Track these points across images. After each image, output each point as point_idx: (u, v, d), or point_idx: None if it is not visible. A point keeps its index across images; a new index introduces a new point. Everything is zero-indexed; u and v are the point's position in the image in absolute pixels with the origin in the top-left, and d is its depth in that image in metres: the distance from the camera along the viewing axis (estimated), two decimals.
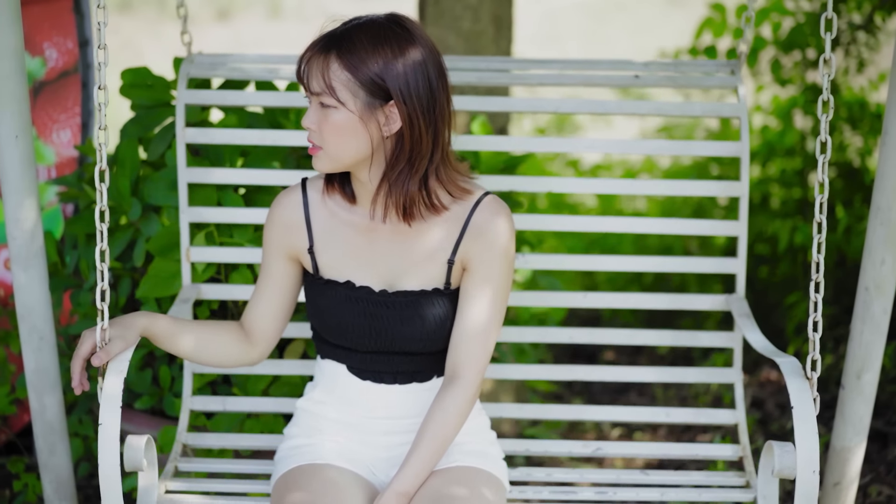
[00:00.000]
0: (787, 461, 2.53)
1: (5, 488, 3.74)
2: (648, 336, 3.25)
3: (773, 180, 5.25)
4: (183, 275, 3.21)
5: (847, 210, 4.70)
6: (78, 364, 2.53)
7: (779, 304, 4.84)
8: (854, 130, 4.98)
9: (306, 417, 2.76)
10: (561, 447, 3.16)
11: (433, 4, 4.32)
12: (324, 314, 2.66)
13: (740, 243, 3.18)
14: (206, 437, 3.11)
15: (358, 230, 2.63)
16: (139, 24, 11.86)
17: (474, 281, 2.60)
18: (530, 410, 3.23)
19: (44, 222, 3.91)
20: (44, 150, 3.98)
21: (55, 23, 3.99)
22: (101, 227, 2.58)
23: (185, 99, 3.20)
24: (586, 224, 3.27)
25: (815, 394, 2.57)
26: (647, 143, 3.37)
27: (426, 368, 2.70)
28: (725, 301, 3.20)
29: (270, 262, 2.71)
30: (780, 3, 5.10)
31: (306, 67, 2.49)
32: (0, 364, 3.64)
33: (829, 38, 2.58)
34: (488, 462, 2.71)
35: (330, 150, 2.50)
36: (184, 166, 3.18)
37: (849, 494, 3.11)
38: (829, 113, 2.59)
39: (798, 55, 5.04)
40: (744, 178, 3.17)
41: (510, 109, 3.29)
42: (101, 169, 2.57)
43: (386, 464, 2.71)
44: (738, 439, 3.15)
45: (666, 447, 3.17)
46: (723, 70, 3.30)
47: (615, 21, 11.68)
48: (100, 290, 2.54)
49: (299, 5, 12.68)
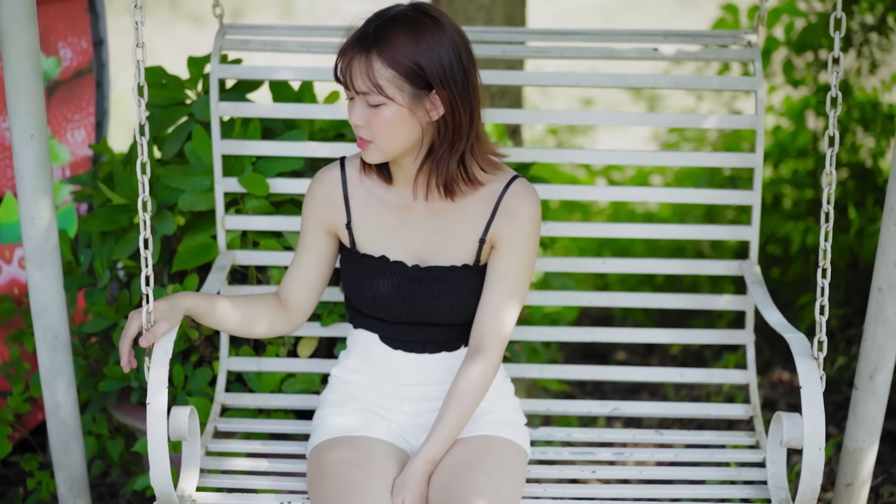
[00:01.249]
0: (795, 432, 2.61)
1: (19, 486, 3.75)
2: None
3: (786, 181, 5.24)
4: (219, 242, 3.31)
5: (859, 211, 4.70)
6: (126, 344, 2.64)
7: (791, 304, 4.84)
8: (866, 131, 4.98)
9: (340, 385, 2.92)
10: (580, 407, 3.28)
11: (446, 4, 4.33)
12: (359, 286, 2.81)
13: (754, 211, 3.24)
14: (243, 398, 3.28)
15: (393, 208, 2.78)
16: (152, 24, 11.86)
17: (501, 258, 2.75)
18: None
19: (58, 221, 3.92)
20: (58, 149, 3.99)
21: (70, 22, 4.00)
22: (144, 217, 2.67)
23: (217, 73, 3.28)
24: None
25: (821, 372, 2.63)
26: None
27: (455, 338, 2.84)
28: (738, 267, 3.29)
29: (309, 235, 2.85)
30: (792, 4, 5.09)
31: (347, 69, 2.58)
32: (14, 362, 3.65)
33: (837, 38, 2.63)
34: (511, 430, 2.85)
35: (381, 144, 2.62)
36: (218, 139, 3.27)
37: (861, 495, 3.11)
38: (837, 108, 2.64)
39: (810, 56, 5.04)
40: (756, 187, 3.24)
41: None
42: (143, 162, 2.67)
43: (417, 430, 2.86)
44: (749, 399, 3.26)
45: (680, 406, 3.27)
46: (740, 42, 3.31)
47: (627, 21, 11.67)
48: (144, 276, 2.65)
49: (311, 5, 12.69)
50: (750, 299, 3.26)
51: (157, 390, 2.62)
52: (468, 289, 2.78)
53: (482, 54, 3.23)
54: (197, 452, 2.85)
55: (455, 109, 2.62)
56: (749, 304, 3.28)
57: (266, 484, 2.89)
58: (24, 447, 3.90)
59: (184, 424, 2.70)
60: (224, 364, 3.32)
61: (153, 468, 2.61)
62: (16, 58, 2.90)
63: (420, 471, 2.67)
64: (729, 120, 3.31)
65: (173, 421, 2.70)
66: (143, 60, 2.66)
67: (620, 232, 3.32)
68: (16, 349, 3.65)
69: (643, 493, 2.89)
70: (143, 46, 2.66)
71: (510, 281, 2.75)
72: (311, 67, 3.30)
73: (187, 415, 2.71)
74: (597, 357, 5.04)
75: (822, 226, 2.65)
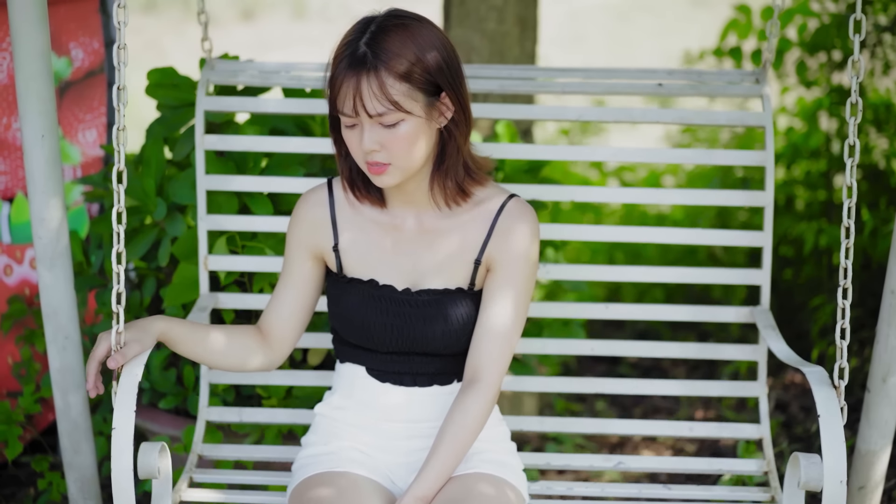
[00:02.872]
0: (814, 473, 2.50)
1: (30, 487, 3.75)
2: (672, 348, 3.23)
3: (798, 182, 5.23)
4: (201, 283, 3.20)
5: (872, 212, 4.67)
6: (93, 367, 2.50)
7: (803, 306, 4.82)
8: (880, 132, 4.95)
9: (324, 423, 2.74)
10: (582, 461, 3.11)
11: (458, 5, 4.32)
12: (346, 313, 2.64)
13: (765, 253, 3.15)
14: (221, 449, 3.09)
15: (383, 229, 2.64)
16: (164, 24, 11.89)
17: (498, 282, 2.60)
18: (552, 423, 3.20)
19: (69, 222, 3.92)
20: (70, 149, 3.99)
21: (81, 23, 4.00)
22: (118, 229, 2.56)
23: (204, 105, 3.18)
24: (610, 234, 3.27)
25: (842, 402, 2.55)
26: (670, 151, 3.34)
27: (447, 371, 2.67)
28: (750, 313, 3.18)
29: (293, 261, 2.69)
30: (805, 5, 5.08)
31: (355, 95, 2.42)
32: (25, 363, 3.65)
33: (857, 40, 2.57)
34: (508, 472, 2.67)
35: (402, 162, 2.48)
36: (202, 173, 3.17)
37: (874, 498, 3.10)
38: (857, 116, 2.57)
39: (823, 57, 5.02)
40: (769, 188, 3.15)
41: (533, 117, 3.29)
42: (119, 170, 2.56)
43: (405, 469, 2.67)
44: (763, 451, 3.12)
45: (690, 462, 3.12)
46: (747, 79, 3.26)
47: (639, 22, 11.65)
48: (115, 293, 2.53)
49: (324, 6, 12.69)
50: (762, 348, 3.14)
51: (124, 418, 2.44)
52: (462, 314, 2.62)
53: (479, 89, 3.18)
54: (168, 493, 2.65)
55: (461, 106, 2.52)
56: (761, 353, 3.16)
57: None
58: (35, 448, 3.89)
59: (153, 461, 2.52)
60: (203, 414, 3.15)
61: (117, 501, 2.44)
62: (27, 58, 2.90)
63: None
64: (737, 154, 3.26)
65: (142, 457, 2.52)
66: (125, 63, 2.55)
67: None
68: (27, 349, 3.65)
69: None
70: (126, 48, 2.55)
71: (507, 305, 2.59)
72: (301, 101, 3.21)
73: (157, 451, 2.52)
74: (608, 362, 5.03)
75: (842, 242, 2.58)
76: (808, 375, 2.62)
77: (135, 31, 10.49)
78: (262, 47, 10.42)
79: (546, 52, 6.69)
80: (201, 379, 3.17)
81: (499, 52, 4.32)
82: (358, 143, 2.47)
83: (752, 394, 3.18)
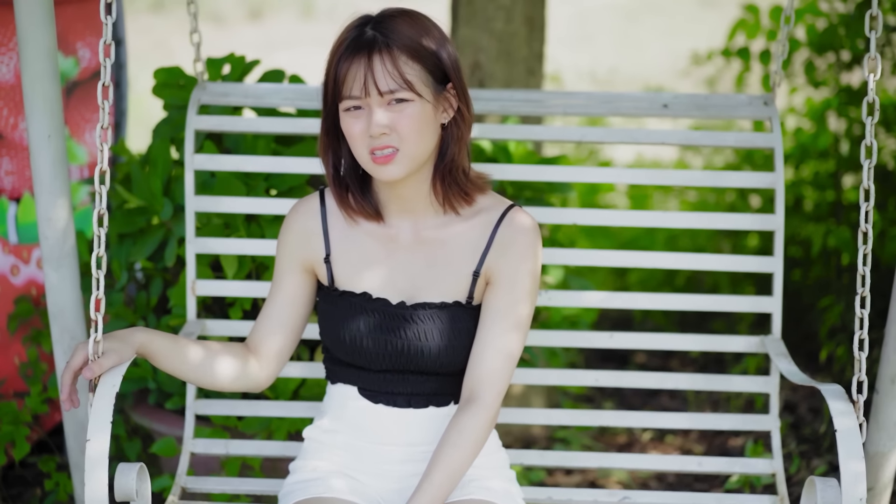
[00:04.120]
0: (830, 497, 2.43)
1: (37, 487, 3.75)
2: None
3: (807, 182, 5.22)
4: (188, 309, 3.12)
5: (881, 213, 4.67)
6: (68, 377, 2.38)
7: (812, 307, 4.81)
8: (889, 133, 4.95)
9: (314, 447, 2.61)
10: (584, 496, 2.97)
11: (466, 5, 4.31)
12: (337, 329, 2.52)
13: (776, 280, 3.07)
14: (206, 482, 2.97)
15: (377, 239, 2.54)
16: (171, 24, 11.90)
17: (497, 295, 2.49)
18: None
19: (76, 222, 3.92)
20: (76, 149, 3.99)
21: (88, 23, 4.00)
22: (98, 232, 2.48)
23: (194, 125, 3.13)
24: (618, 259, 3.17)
25: (860, 419, 2.49)
26: (679, 173, 3.24)
27: (444, 391, 2.55)
28: (761, 343, 3.09)
29: (283, 274, 2.58)
30: (814, 5, 5.07)
31: (366, 73, 2.35)
32: (32, 363, 3.65)
33: (873, 37, 2.49)
34: (507, 499, 2.56)
35: (409, 149, 2.38)
36: (192, 195, 3.10)
37: (882, 500, 3.08)
38: (874, 115, 2.50)
39: (832, 57, 5.01)
40: (779, 211, 3.07)
41: (537, 138, 3.23)
42: (102, 170, 2.48)
43: (397, 496, 2.54)
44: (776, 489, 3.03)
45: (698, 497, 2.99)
46: (755, 103, 3.18)
47: (647, 22, 11.65)
48: (94, 300, 2.44)
49: (332, 6, 12.70)
50: (774, 379, 3.06)
51: (99, 429, 2.32)
52: (459, 330, 2.49)
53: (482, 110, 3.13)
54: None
55: (464, 101, 2.45)
56: (773, 385, 3.08)
57: None
58: (42, 448, 3.90)
59: (131, 483, 2.40)
60: (188, 446, 3.03)
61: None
62: (33, 58, 2.89)
63: None
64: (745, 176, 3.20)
65: (119, 478, 2.40)
66: (111, 58, 2.49)
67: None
68: (34, 350, 3.65)
69: None
70: (113, 44, 2.50)
71: (507, 321, 2.47)
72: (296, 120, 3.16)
73: (135, 472, 2.41)
74: (617, 358, 5.03)
75: (859, 248, 2.53)
76: (825, 393, 2.54)
77: (142, 31, 10.51)
78: (269, 47, 10.42)
79: (554, 52, 6.69)
80: (188, 410, 3.05)
81: (506, 52, 4.31)
82: (364, 128, 2.37)
83: (765, 427, 3.08)
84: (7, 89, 3.67)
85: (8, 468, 3.79)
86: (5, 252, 3.70)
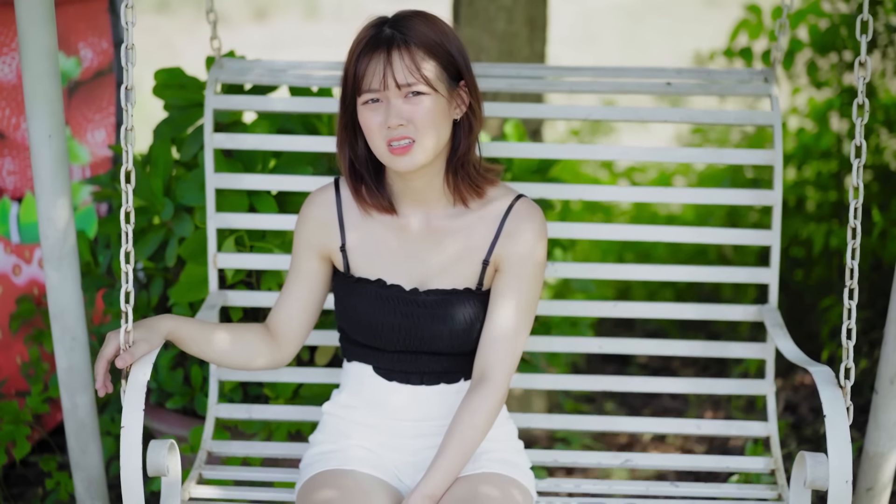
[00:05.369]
0: (820, 472, 2.51)
1: (38, 486, 3.76)
2: (680, 346, 3.22)
3: (809, 183, 5.21)
4: (210, 281, 3.21)
5: (883, 213, 4.66)
6: (102, 366, 2.51)
7: (814, 307, 4.81)
8: (891, 133, 4.94)
9: (332, 422, 2.76)
10: (590, 458, 3.11)
11: (467, 5, 4.32)
12: (353, 313, 2.67)
13: (773, 252, 3.15)
14: (231, 445, 3.10)
15: (391, 229, 2.67)
16: (177, 24, 11.91)
17: (505, 282, 2.63)
18: (560, 421, 3.20)
19: (78, 222, 3.93)
20: (78, 149, 4.00)
21: (90, 23, 4.01)
22: (126, 229, 2.57)
23: (213, 104, 3.20)
24: (618, 232, 3.26)
25: (848, 402, 2.56)
26: (680, 150, 3.31)
27: (454, 369, 2.69)
28: (758, 312, 3.18)
29: (301, 260, 2.72)
30: (816, 5, 5.06)
31: (385, 67, 2.49)
32: (34, 363, 3.66)
33: (864, 41, 2.57)
34: (516, 470, 2.69)
35: (425, 138, 2.51)
36: (212, 171, 3.18)
37: (882, 500, 3.09)
38: (864, 117, 2.57)
39: (834, 57, 5.00)
40: (777, 187, 3.15)
41: (542, 116, 3.31)
42: (128, 170, 2.57)
43: (412, 468, 2.69)
44: (771, 450, 3.13)
45: (697, 459, 3.13)
46: (756, 78, 3.26)
47: (651, 22, 11.64)
48: (124, 293, 2.54)
49: (337, 6, 12.70)
50: (770, 346, 3.14)
51: (133, 416, 2.46)
52: (469, 315, 2.64)
53: (488, 88, 3.18)
54: (177, 491, 2.64)
55: (476, 98, 2.61)
56: (769, 351, 3.16)
57: None
58: (43, 448, 3.91)
59: (162, 459, 2.53)
60: (213, 411, 3.15)
61: (126, 500, 2.46)
62: (34, 58, 2.90)
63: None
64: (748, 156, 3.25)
65: (151, 455, 2.53)
66: (133, 63, 2.56)
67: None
68: (35, 349, 3.66)
69: None
70: (133, 48, 2.56)
71: (515, 306, 2.63)
72: (311, 100, 3.21)
73: (166, 449, 2.54)
74: (618, 360, 5.03)
75: (848, 243, 2.58)
76: (814, 375, 2.64)
77: (147, 31, 10.52)
78: (273, 47, 10.43)
79: (557, 52, 6.70)
80: (210, 377, 3.18)
81: (508, 53, 4.31)
82: (382, 120, 2.51)
83: (761, 391, 3.17)
84: (9, 89, 3.68)
85: (9, 467, 3.80)
86: (7, 252, 3.71)
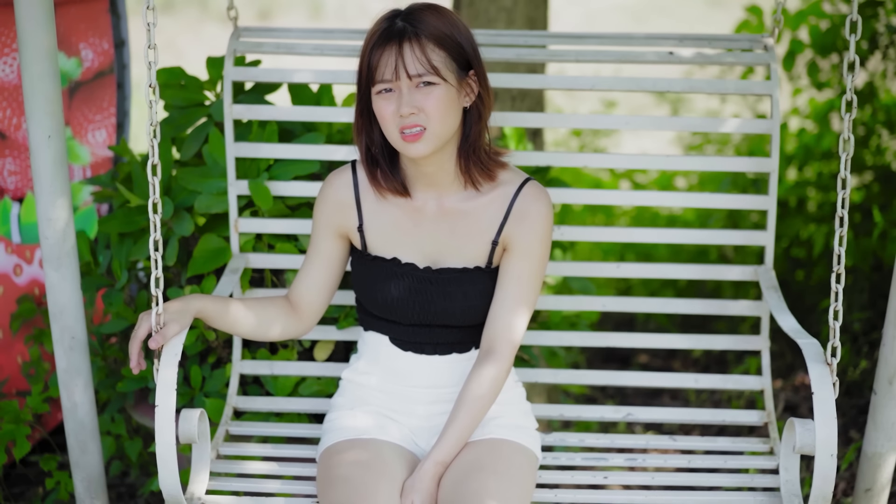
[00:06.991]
0: (808, 439, 2.62)
1: (38, 486, 3.77)
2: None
3: (810, 184, 5.22)
4: (232, 245, 3.31)
5: (884, 214, 4.67)
6: (136, 346, 2.68)
7: (814, 307, 4.81)
8: (892, 134, 4.94)
9: (351, 388, 2.94)
10: (593, 412, 3.26)
11: (467, 6, 4.32)
12: (370, 289, 2.84)
13: (769, 217, 3.24)
14: (255, 401, 3.26)
15: (405, 210, 2.82)
16: (181, 24, 11.92)
17: (513, 261, 2.79)
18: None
19: (78, 222, 3.93)
20: (79, 149, 4.00)
21: (91, 24, 4.01)
22: (154, 219, 2.70)
23: (231, 76, 3.28)
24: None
25: (834, 378, 2.65)
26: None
27: (465, 340, 2.87)
28: (754, 272, 3.27)
29: (320, 238, 2.88)
30: (817, 6, 5.07)
31: (397, 59, 2.61)
32: (34, 362, 3.66)
33: (853, 40, 2.65)
34: (521, 434, 2.87)
35: (435, 127, 2.65)
36: (231, 141, 3.27)
37: (880, 500, 3.09)
38: (852, 112, 2.65)
39: (835, 58, 5.01)
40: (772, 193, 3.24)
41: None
42: (154, 163, 2.68)
43: (427, 433, 2.88)
44: (764, 405, 3.26)
45: (694, 413, 3.25)
46: (756, 45, 3.32)
47: (655, 23, 11.64)
48: (154, 277, 2.68)
49: (340, 6, 12.71)
50: (765, 305, 3.25)
51: (166, 392, 2.63)
52: (480, 291, 2.81)
53: (498, 58, 3.25)
54: (207, 455, 2.85)
55: (484, 87, 2.72)
56: (764, 309, 3.26)
57: (277, 487, 2.89)
58: (44, 447, 3.91)
59: (193, 427, 2.72)
60: (237, 367, 3.31)
61: (161, 470, 2.62)
62: (33, 58, 2.91)
63: (430, 473, 2.70)
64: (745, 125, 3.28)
65: (182, 423, 2.72)
66: (156, 63, 2.65)
67: (641, 236, 3.34)
68: (36, 349, 3.67)
69: (656, 500, 2.88)
70: (156, 48, 2.66)
71: (522, 284, 2.79)
72: (327, 70, 3.29)
73: (196, 417, 2.73)
74: (619, 359, 5.03)
75: (836, 230, 2.66)
76: (803, 348, 2.72)
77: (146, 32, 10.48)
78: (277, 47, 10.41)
79: None
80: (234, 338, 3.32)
81: None
82: (395, 109, 2.64)
83: (755, 347, 3.30)
84: (10, 90, 3.68)
85: (9, 467, 3.81)
86: (8, 252, 3.72)
